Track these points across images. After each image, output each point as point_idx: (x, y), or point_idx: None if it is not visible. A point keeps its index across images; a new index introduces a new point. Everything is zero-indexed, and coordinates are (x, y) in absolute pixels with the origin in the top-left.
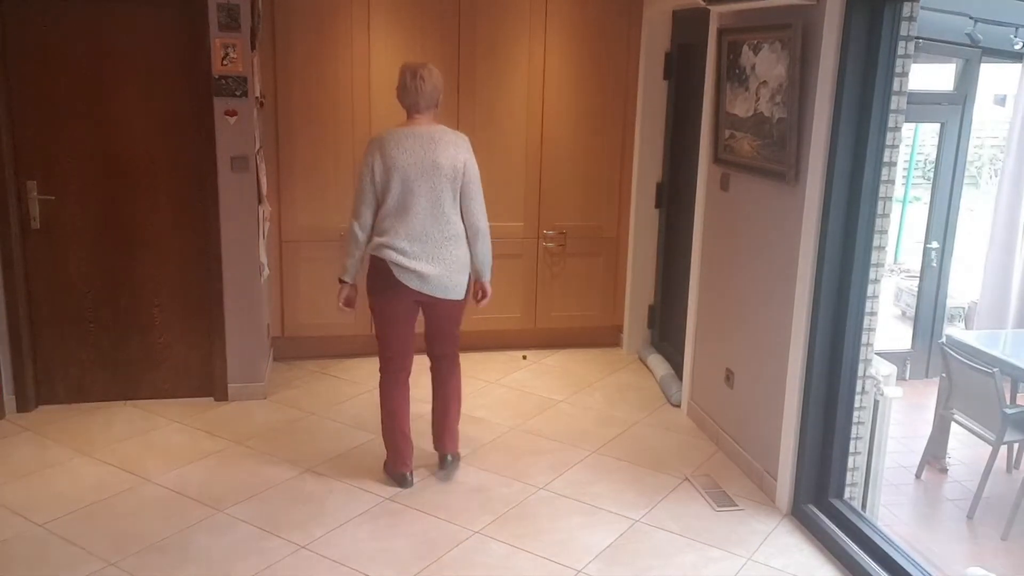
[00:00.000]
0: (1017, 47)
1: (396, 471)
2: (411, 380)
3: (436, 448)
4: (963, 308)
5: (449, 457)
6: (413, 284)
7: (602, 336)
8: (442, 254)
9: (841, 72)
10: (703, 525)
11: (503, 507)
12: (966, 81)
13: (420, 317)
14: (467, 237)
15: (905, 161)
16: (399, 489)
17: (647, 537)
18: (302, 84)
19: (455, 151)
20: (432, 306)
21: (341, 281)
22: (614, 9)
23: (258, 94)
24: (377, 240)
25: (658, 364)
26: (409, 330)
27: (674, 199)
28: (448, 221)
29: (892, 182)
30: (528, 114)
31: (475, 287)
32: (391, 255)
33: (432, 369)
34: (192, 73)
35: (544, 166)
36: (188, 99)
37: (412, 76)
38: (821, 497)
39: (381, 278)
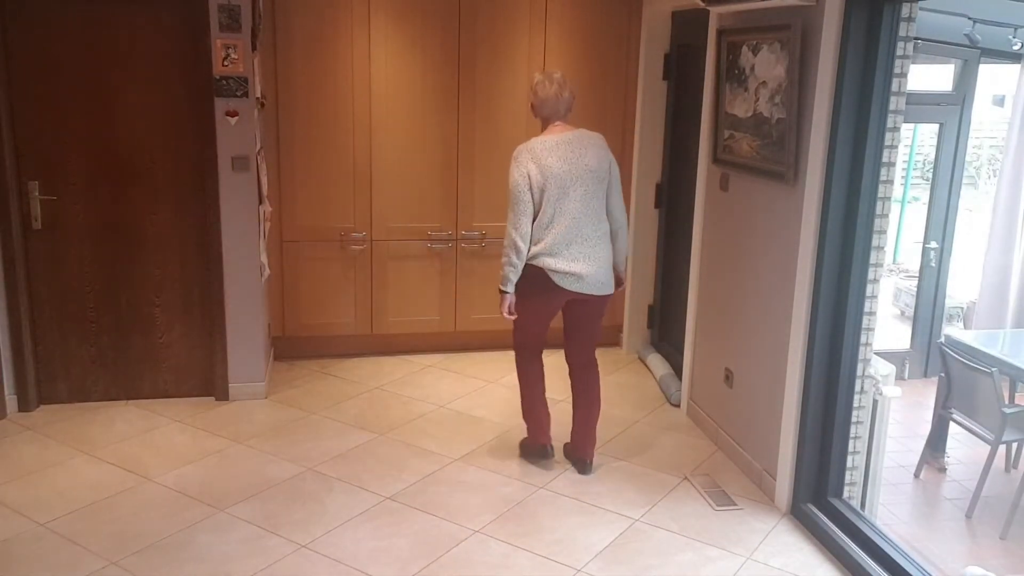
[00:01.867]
0: (1015, 48)
1: (539, 442)
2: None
3: (578, 454)
4: (962, 308)
5: (588, 461)
6: (572, 287)
7: (602, 336)
8: (596, 253)
9: (840, 72)
10: (702, 524)
11: (503, 506)
12: (965, 81)
13: None
14: (612, 233)
15: (904, 161)
16: (399, 488)
17: (646, 536)
18: (303, 84)
19: (603, 152)
20: (582, 304)
21: (502, 291)
22: (614, 10)
23: (259, 94)
24: (533, 249)
25: (658, 364)
26: (548, 324)
27: (674, 199)
28: (601, 220)
29: (891, 182)
30: (528, 113)
31: (619, 278)
32: (550, 263)
33: (574, 380)
34: (193, 74)
35: None
36: (189, 99)
37: (551, 82)
38: (820, 496)
39: (537, 285)
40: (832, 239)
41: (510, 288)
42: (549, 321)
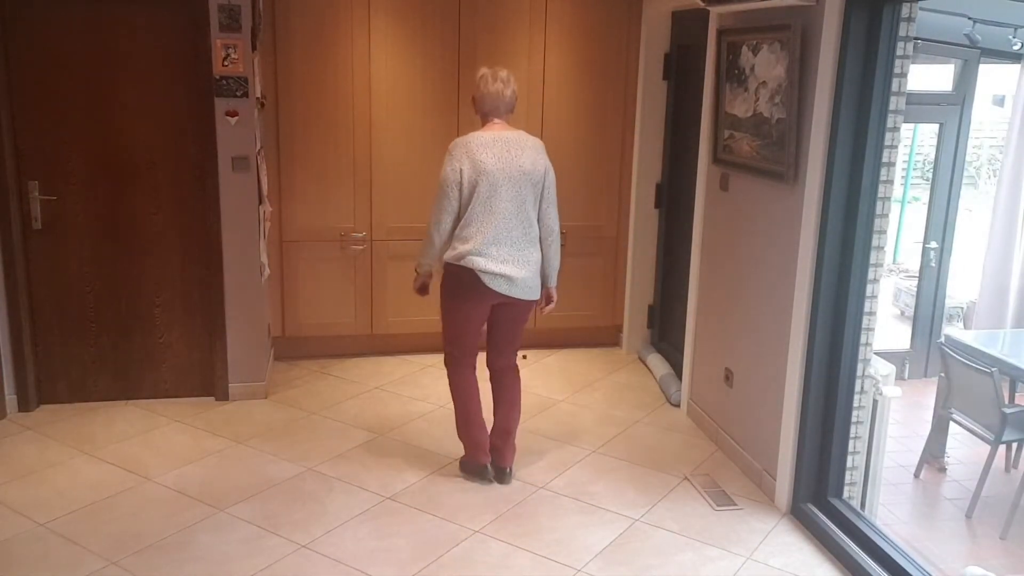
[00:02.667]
0: (1015, 48)
1: (477, 462)
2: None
3: (495, 463)
4: (962, 308)
5: (508, 470)
6: (501, 288)
7: (602, 336)
8: (525, 256)
9: (840, 72)
10: (702, 524)
11: (503, 506)
12: (965, 81)
13: None
14: (540, 240)
15: (904, 161)
16: (399, 488)
17: (646, 536)
18: (303, 84)
19: (538, 156)
20: (508, 307)
21: (417, 272)
22: (614, 10)
23: (259, 94)
24: (461, 248)
25: (658, 364)
26: (480, 331)
27: (674, 199)
28: (531, 224)
29: (891, 182)
30: (528, 114)
31: (542, 293)
32: (479, 263)
33: (494, 383)
34: (193, 74)
35: None
36: (189, 100)
37: (494, 79)
38: (820, 496)
39: (465, 286)
40: (832, 239)
41: (424, 271)
42: (480, 327)
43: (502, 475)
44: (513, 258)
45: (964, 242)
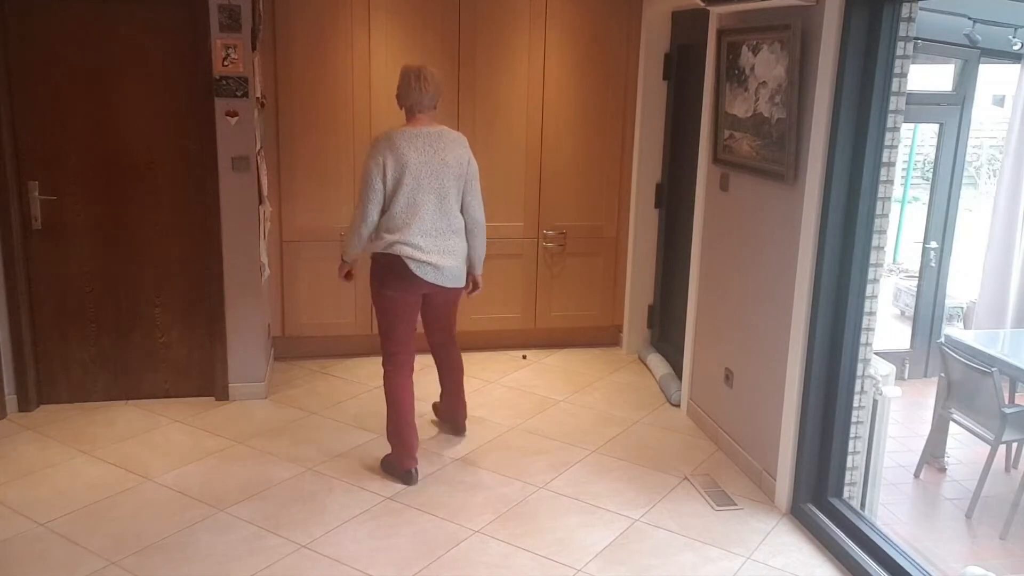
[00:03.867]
0: (1016, 48)
1: (403, 467)
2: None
3: (452, 419)
4: (962, 308)
5: (462, 424)
6: (429, 276)
7: (602, 336)
8: (450, 246)
9: (840, 73)
10: (702, 524)
11: (503, 506)
12: (965, 81)
13: None
14: (466, 231)
15: (904, 161)
16: (400, 488)
17: (646, 536)
18: (303, 85)
19: (461, 150)
20: (438, 295)
21: (344, 260)
22: (614, 10)
23: (259, 95)
24: (389, 238)
25: (658, 364)
26: (414, 322)
27: (674, 199)
28: (455, 216)
29: (891, 182)
30: (528, 114)
31: (469, 280)
32: (407, 251)
33: (436, 355)
34: (193, 74)
35: (544, 166)
36: (189, 100)
37: (416, 78)
38: (820, 496)
39: (393, 275)
40: (832, 239)
41: (349, 259)
42: (412, 317)
43: (457, 428)
44: (439, 248)
45: (964, 242)
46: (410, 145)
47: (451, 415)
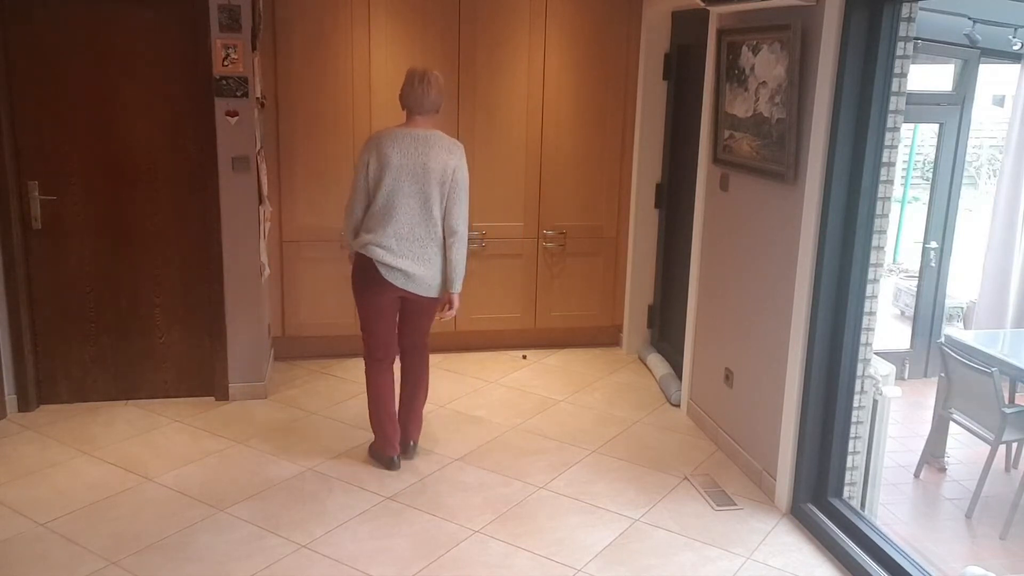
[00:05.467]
0: (1015, 48)
1: (384, 454)
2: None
3: (401, 435)
4: (962, 308)
5: (412, 444)
6: (399, 282)
7: (602, 336)
8: (427, 254)
9: (840, 73)
10: (702, 524)
11: (503, 506)
12: (965, 81)
13: None
14: (446, 243)
15: (904, 161)
16: (400, 488)
17: (646, 536)
18: (303, 84)
19: (447, 156)
20: (412, 301)
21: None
22: (614, 10)
23: (259, 95)
24: (365, 237)
25: (658, 364)
26: (392, 323)
27: (674, 199)
28: (435, 224)
29: (891, 182)
30: (528, 114)
31: (444, 297)
32: (378, 253)
33: (402, 360)
34: (193, 74)
35: (544, 166)
36: (189, 100)
37: (420, 80)
38: (820, 496)
39: (367, 275)
40: (832, 239)
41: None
42: (389, 317)
43: (407, 449)
44: (413, 254)
45: (964, 242)
46: (395, 145)
47: (403, 429)
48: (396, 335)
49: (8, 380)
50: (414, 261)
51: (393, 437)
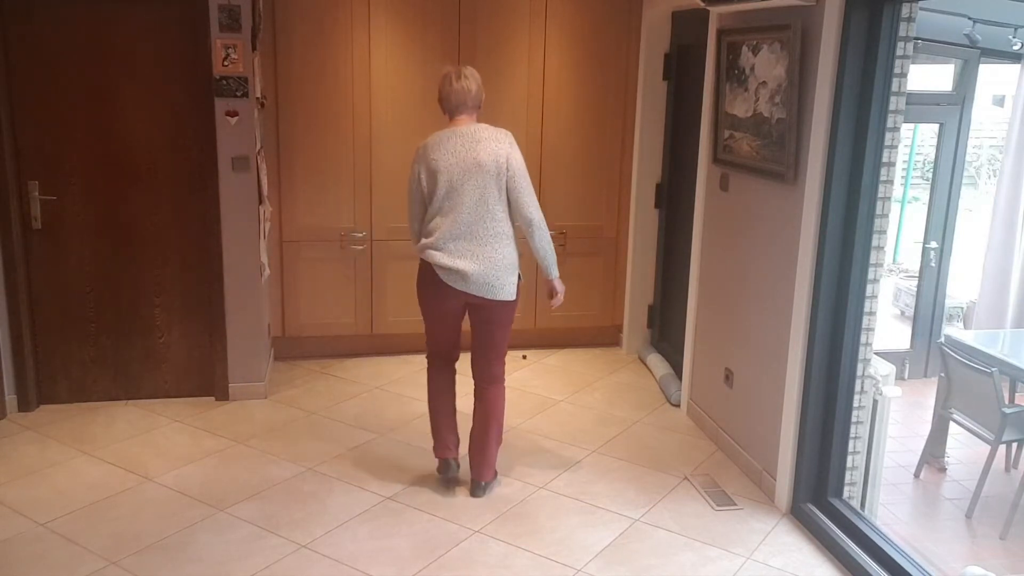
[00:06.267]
0: (1015, 48)
1: (438, 456)
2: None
3: (471, 473)
4: (962, 308)
5: (483, 484)
6: (457, 284)
7: (602, 336)
8: (486, 252)
9: (840, 72)
10: (702, 524)
11: (503, 506)
12: (965, 81)
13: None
14: (521, 232)
15: (904, 161)
16: (399, 488)
17: (646, 536)
18: (303, 84)
19: (496, 146)
20: (479, 308)
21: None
22: (614, 10)
23: (259, 94)
24: (424, 242)
25: (658, 364)
26: (454, 329)
27: (674, 199)
28: (495, 218)
29: (891, 182)
30: (528, 114)
31: (547, 286)
32: (435, 256)
33: (475, 390)
34: (193, 74)
35: (544, 166)
36: (189, 100)
37: (458, 77)
38: (820, 496)
39: (426, 279)
40: (832, 239)
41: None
42: (451, 324)
43: (475, 488)
44: (472, 253)
45: (964, 242)
46: (441, 148)
47: (472, 469)
48: (457, 339)
49: (8, 380)
50: (471, 260)
51: (448, 439)
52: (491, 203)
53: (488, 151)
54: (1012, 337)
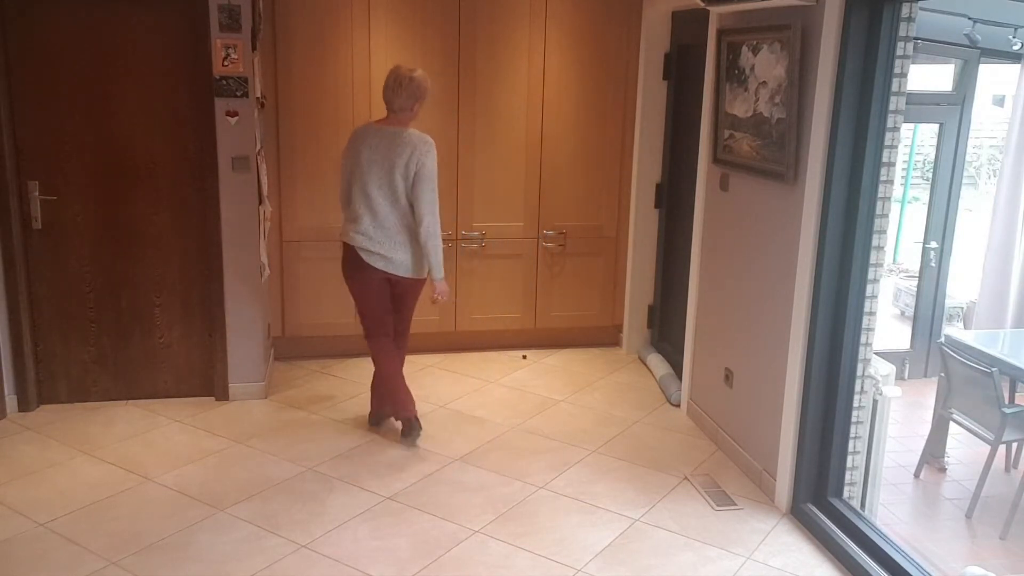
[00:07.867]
0: (1015, 48)
1: (407, 415)
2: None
3: (401, 412)
4: (962, 308)
5: (415, 419)
6: (379, 265)
7: (602, 336)
8: (400, 240)
9: (840, 72)
10: (702, 524)
11: (503, 506)
12: (965, 81)
13: None
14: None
15: (904, 161)
16: (399, 488)
17: (646, 536)
18: (303, 84)
19: (411, 151)
20: (395, 283)
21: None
22: (614, 10)
23: (259, 94)
24: (346, 227)
25: (658, 364)
26: (384, 302)
27: (674, 199)
28: (404, 213)
29: (891, 182)
30: (528, 114)
31: (433, 285)
32: (358, 240)
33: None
34: (193, 74)
35: (544, 166)
36: (189, 99)
37: (394, 79)
38: (820, 496)
39: (350, 262)
40: (832, 239)
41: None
42: (381, 301)
43: (412, 429)
44: (390, 241)
45: (964, 242)
46: (365, 142)
47: (396, 405)
48: (390, 315)
49: (8, 380)
50: (391, 247)
51: (405, 401)
52: (402, 199)
53: (402, 155)
54: (1012, 337)
